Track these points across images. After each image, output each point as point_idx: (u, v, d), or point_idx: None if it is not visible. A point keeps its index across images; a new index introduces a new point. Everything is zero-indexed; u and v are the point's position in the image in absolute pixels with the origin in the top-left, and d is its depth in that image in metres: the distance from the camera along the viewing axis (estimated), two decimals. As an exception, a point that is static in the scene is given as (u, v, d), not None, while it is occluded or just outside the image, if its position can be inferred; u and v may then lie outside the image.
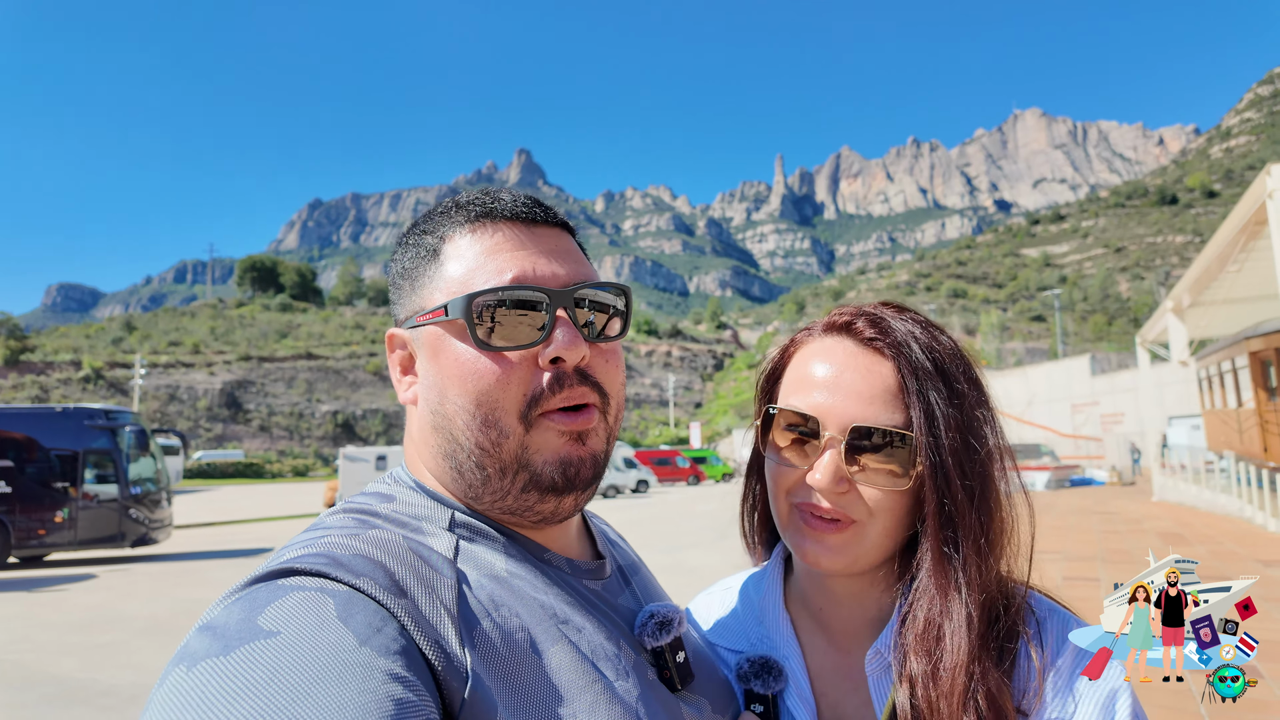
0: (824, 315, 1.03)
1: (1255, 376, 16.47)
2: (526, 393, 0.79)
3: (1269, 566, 9.53)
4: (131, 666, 7.45)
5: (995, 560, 0.92)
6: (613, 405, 0.85)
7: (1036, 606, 0.95)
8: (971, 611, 0.88)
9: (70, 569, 14.63)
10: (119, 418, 15.77)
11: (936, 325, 0.98)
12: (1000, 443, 0.95)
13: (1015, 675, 0.88)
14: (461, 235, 0.83)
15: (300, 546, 0.70)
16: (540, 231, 0.85)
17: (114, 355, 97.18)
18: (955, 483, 0.89)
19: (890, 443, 0.90)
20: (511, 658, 0.69)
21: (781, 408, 0.98)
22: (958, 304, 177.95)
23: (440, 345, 0.82)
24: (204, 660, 0.57)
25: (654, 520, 22.85)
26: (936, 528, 0.90)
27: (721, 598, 1.19)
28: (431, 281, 0.83)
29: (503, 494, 0.81)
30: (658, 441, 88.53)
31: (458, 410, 0.80)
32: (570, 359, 0.79)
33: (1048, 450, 35.18)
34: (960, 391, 0.92)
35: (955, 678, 0.85)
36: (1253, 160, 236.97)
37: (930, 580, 0.90)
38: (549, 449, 0.79)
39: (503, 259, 0.81)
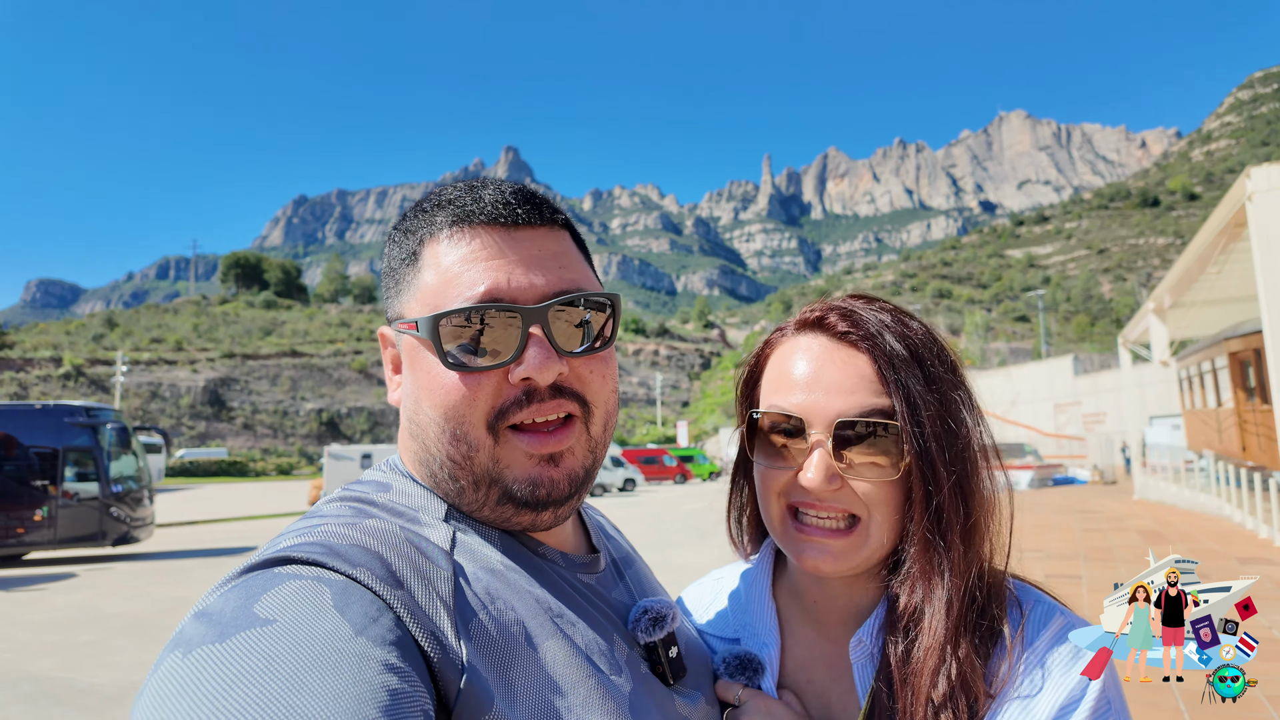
0: (795, 313, 1.03)
1: (1234, 377, 16.70)
2: (494, 406, 0.78)
3: (1246, 564, 9.66)
4: (111, 666, 7.37)
5: (978, 544, 0.92)
6: (597, 414, 0.83)
7: (1023, 596, 0.94)
8: (952, 596, 0.88)
9: (50, 568, 14.45)
10: (100, 415, 15.60)
11: (906, 312, 0.98)
12: (980, 425, 0.96)
13: (991, 660, 0.88)
14: (439, 240, 0.81)
15: (296, 535, 0.69)
16: (522, 235, 0.81)
17: (95, 352, 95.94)
18: (940, 469, 0.89)
19: (875, 433, 0.90)
20: (507, 650, 0.69)
21: (765, 410, 0.97)
22: (943, 304, 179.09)
23: (416, 356, 0.81)
24: (199, 647, 0.57)
25: (641, 519, 22.88)
26: (922, 514, 0.90)
27: (713, 587, 1.20)
28: (410, 288, 0.82)
29: (479, 505, 0.80)
30: (645, 440, 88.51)
31: (429, 422, 0.80)
32: (541, 380, 0.77)
33: (1031, 449, 35.42)
34: (936, 375, 0.92)
35: (928, 659, 0.86)
36: (1233, 163, 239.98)
37: (915, 566, 0.90)
38: (518, 468, 0.78)
39: (477, 271, 0.78)
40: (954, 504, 0.90)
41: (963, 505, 0.90)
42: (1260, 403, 15.04)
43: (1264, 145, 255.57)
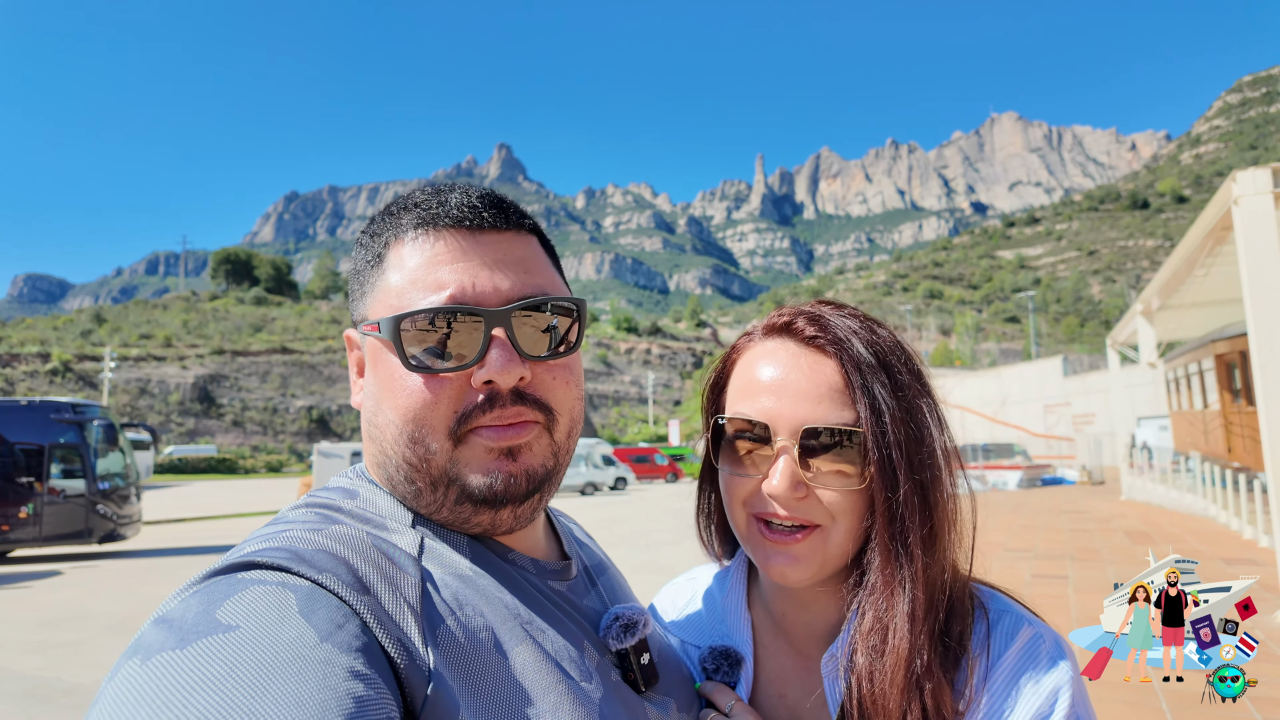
0: (762, 318, 1.02)
1: (1220, 379, 16.85)
2: (457, 410, 0.77)
3: (1232, 564, 9.74)
4: (96, 665, 7.32)
5: (940, 553, 0.91)
6: (561, 421, 0.83)
7: (991, 605, 0.93)
8: (916, 608, 0.87)
9: (35, 565, 14.33)
10: (87, 411, 15.49)
11: (874, 319, 0.97)
12: (944, 435, 0.95)
13: (959, 674, 0.87)
14: (405, 243, 0.81)
15: (261, 540, 0.68)
16: (488, 239, 0.81)
17: (83, 348, 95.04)
18: (902, 479, 0.88)
19: (840, 442, 0.89)
20: (475, 657, 0.68)
21: (730, 416, 0.96)
22: (934, 305, 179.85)
23: (378, 357, 0.81)
24: (160, 653, 0.55)
25: (631, 518, 22.86)
26: (885, 524, 0.89)
27: (688, 589, 1.19)
28: (374, 290, 0.82)
29: (437, 506, 0.79)
30: (636, 439, 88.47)
31: (388, 423, 0.79)
32: (503, 382, 0.77)
33: (1020, 449, 35.65)
34: (903, 383, 0.92)
35: (895, 672, 0.85)
36: (1222, 167, 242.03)
37: (879, 577, 0.89)
38: (476, 462, 0.78)
39: (441, 273, 0.78)
40: (914, 512, 0.89)
41: (923, 513, 0.89)
42: (1245, 404, 15.18)
43: (1252, 149, 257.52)
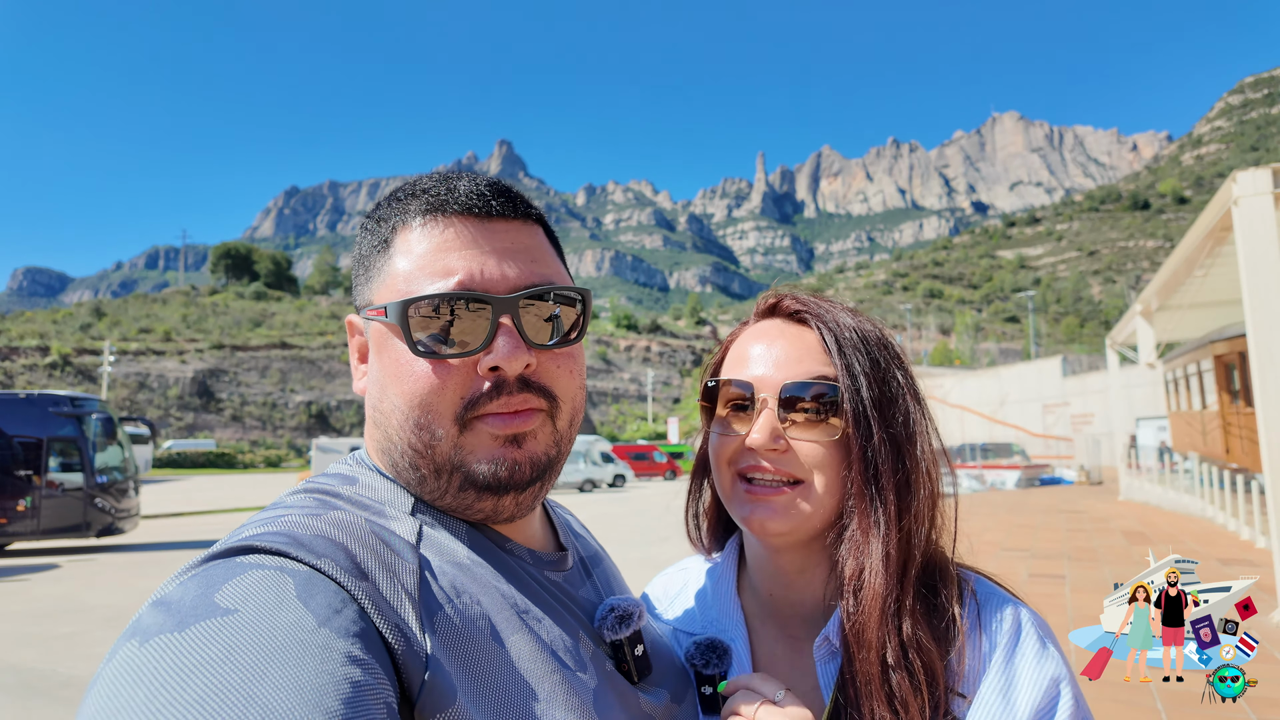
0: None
1: (1219, 379, 16.87)
2: (464, 396, 0.78)
3: (1228, 565, 9.75)
4: (93, 658, 7.32)
5: (916, 505, 0.95)
6: (564, 410, 0.84)
7: (978, 587, 0.97)
8: (890, 548, 0.91)
9: (33, 559, 14.34)
10: (85, 405, 15.47)
11: (861, 312, 1.04)
12: (919, 408, 1.00)
13: (952, 657, 0.89)
14: (412, 228, 0.81)
15: (259, 524, 0.68)
16: (496, 227, 0.82)
17: (82, 341, 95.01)
18: (875, 429, 0.94)
19: (819, 397, 0.96)
20: (472, 644, 0.69)
21: (721, 380, 1.04)
22: (934, 304, 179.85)
23: (384, 343, 0.81)
24: (157, 636, 0.55)
25: (629, 515, 22.89)
26: (860, 470, 0.94)
27: (679, 578, 1.22)
28: (380, 275, 0.82)
29: (440, 493, 0.80)
30: (635, 436, 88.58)
31: (394, 409, 0.79)
32: (510, 369, 0.78)
33: (1019, 449, 35.69)
34: (877, 357, 0.98)
35: (871, 605, 0.89)
36: (1222, 168, 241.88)
37: (856, 525, 0.93)
38: (482, 450, 0.78)
39: (450, 259, 0.79)
40: (887, 460, 0.93)
41: (896, 462, 0.94)
42: (1244, 405, 15.19)
43: (1253, 150, 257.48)
